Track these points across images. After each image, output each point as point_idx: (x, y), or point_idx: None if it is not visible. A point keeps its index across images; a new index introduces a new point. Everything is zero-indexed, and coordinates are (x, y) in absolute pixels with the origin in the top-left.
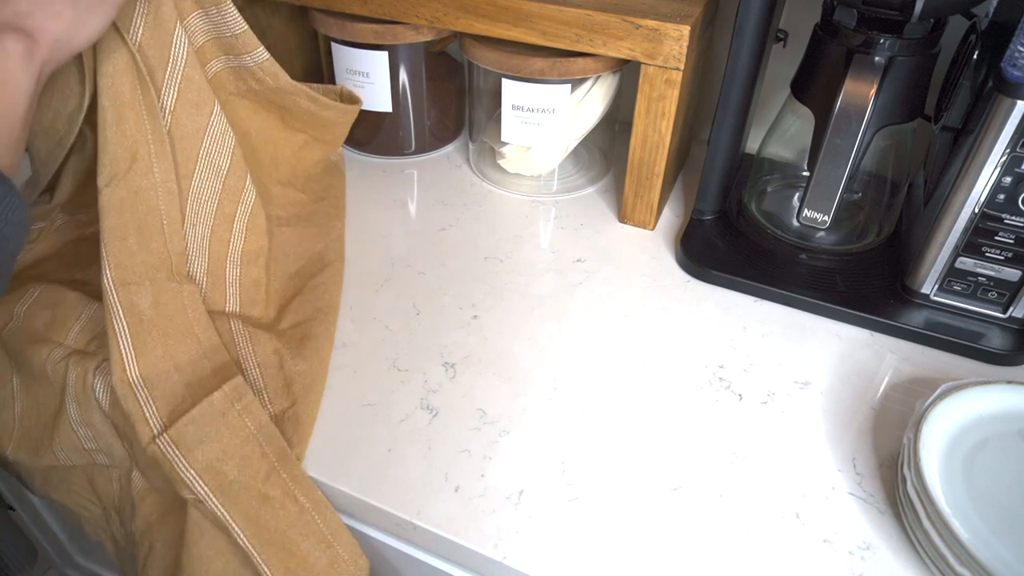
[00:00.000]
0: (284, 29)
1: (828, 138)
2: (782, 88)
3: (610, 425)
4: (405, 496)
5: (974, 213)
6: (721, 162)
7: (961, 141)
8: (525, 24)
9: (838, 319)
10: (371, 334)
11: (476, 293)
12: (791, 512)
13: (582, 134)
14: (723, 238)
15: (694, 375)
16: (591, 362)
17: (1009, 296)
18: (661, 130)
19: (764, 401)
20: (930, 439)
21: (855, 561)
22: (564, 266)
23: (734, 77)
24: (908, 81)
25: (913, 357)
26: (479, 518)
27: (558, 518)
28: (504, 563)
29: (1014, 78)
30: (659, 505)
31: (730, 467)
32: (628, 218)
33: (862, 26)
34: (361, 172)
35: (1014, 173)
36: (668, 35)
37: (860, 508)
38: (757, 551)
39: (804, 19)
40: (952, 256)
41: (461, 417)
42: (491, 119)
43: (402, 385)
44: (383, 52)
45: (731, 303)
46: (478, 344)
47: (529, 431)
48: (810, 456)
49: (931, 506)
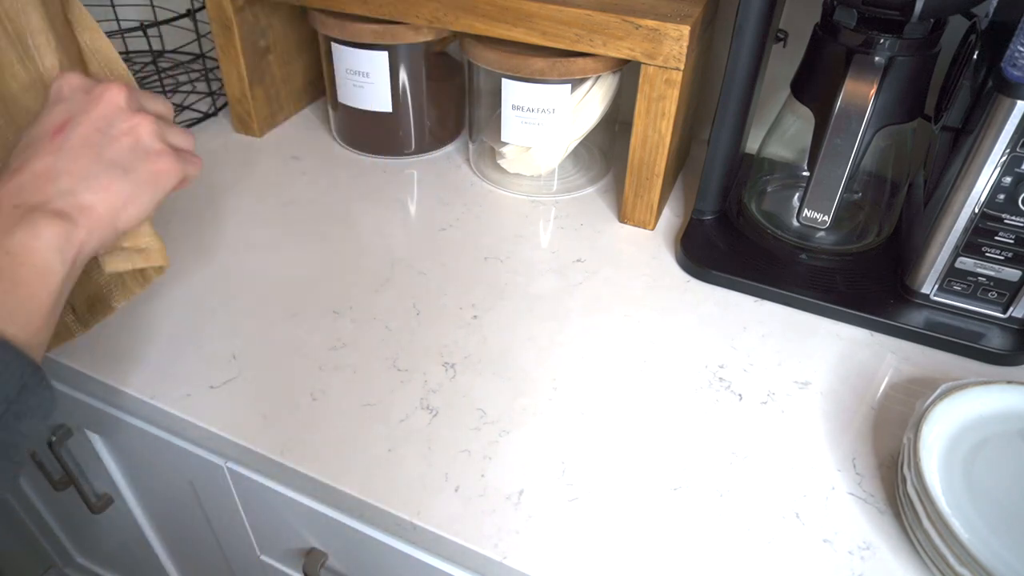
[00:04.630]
0: (284, 29)
1: (828, 138)
2: (782, 88)
3: (610, 425)
4: (405, 496)
5: (974, 213)
6: (721, 162)
7: (961, 141)
8: (525, 24)
9: (838, 319)
10: (371, 334)
11: (476, 293)
12: (791, 512)
13: (582, 134)
14: (723, 238)
15: (694, 375)
16: (591, 362)
17: (1009, 296)
18: (661, 130)
19: (764, 401)
20: (930, 439)
21: (855, 561)
22: (564, 266)
23: (734, 77)
24: (908, 81)
25: (913, 357)
26: (479, 518)
27: (558, 518)
28: (504, 563)
29: (1014, 78)
30: (659, 505)
31: (730, 467)
32: (628, 218)
33: (862, 26)
34: (361, 172)
35: (1014, 173)
36: (668, 35)
37: (860, 508)
38: (757, 551)
39: (804, 19)
40: (952, 256)
41: (461, 417)
42: (491, 119)
43: (402, 385)
44: (383, 52)
45: (731, 303)
46: (478, 344)
47: (529, 431)
48: (810, 456)
49: (931, 506)
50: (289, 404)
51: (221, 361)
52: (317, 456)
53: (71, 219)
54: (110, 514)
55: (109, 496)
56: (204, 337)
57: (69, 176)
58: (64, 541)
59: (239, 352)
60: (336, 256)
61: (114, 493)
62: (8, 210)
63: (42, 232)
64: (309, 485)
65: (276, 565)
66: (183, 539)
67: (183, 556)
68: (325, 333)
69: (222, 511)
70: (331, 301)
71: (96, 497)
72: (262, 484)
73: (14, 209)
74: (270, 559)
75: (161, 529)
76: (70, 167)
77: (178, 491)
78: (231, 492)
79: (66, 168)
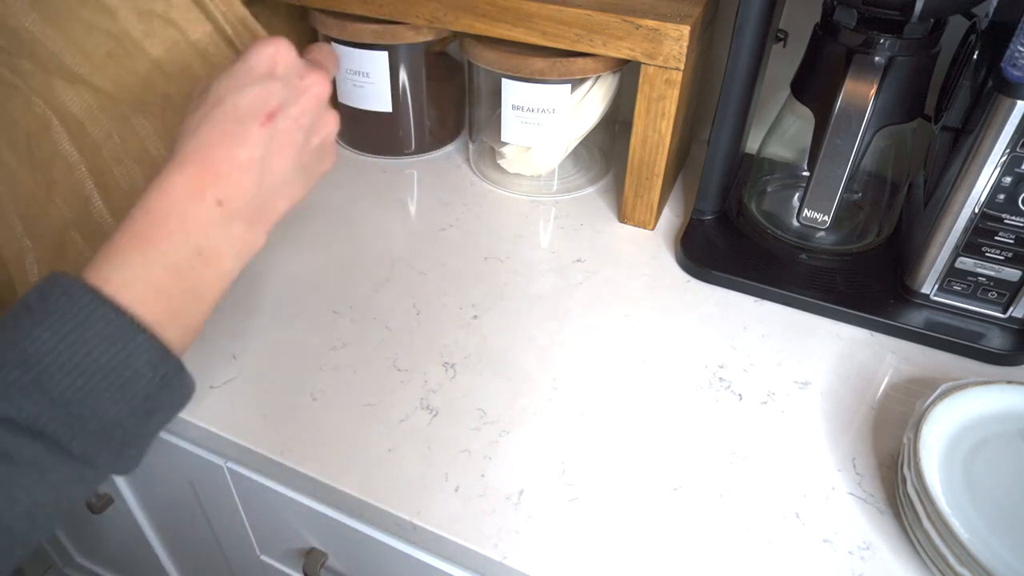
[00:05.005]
0: (284, 29)
1: (828, 138)
2: (782, 88)
3: (610, 425)
4: (405, 496)
5: (974, 213)
6: (721, 162)
7: (961, 141)
8: (525, 24)
9: (838, 319)
10: (371, 334)
11: (476, 293)
12: (791, 512)
13: (582, 134)
14: (723, 238)
15: (694, 375)
16: (591, 362)
17: (1009, 296)
18: (661, 130)
19: (764, 401)
20: (930, 439)
21: (855, 561)
22: (564, 266)
23: (734, 77)
24: (908, 81)
25: (913, 357)
26: (479, 518)
27: (558, 518)
28: (504, 563)
29: (1014, 78)
30: (659, 505)
31: (730, 467)
32: (628, 218)
33: (862, 26)
34: (361, 172)
35: (1014, 173)
36: (668, 35)
37: (860, 508)
38: (757, 551)
39: (804, 19)
40: (952, 256)
41: (461, 417)
42: (491, 119)
43: (402, 385)
44: (383, 52)
45: (731, 303)
46: (478, 344)
47: (529, 431)
48: (810, 456)
49: (931, 506)
50: (289, 404)
51: (221, 361)
52: (317, 456)
53: (260, 226)
54: (110, 514)
55: (109, 496)
56: (204, 337)
57: (271, 176)
58: (64, 541)
59: (239, 352)
60: (336, 256)
61: (114, 493)
62: (210, 205)
63: (235, 238)
64: (309, 485)
65: (276, 565)
66: (183, 539)
67: (183, 556)
68: (325, 333)
69: (222, 511)
70: (331, 301)
71: (96, 497)
72: (262, 484)
73: (217, 207)
74: (270, 559)
75: (161, 529)
76: (273, 166)
77: (178, 491)
78: (231, 492)
79: (270, 167)
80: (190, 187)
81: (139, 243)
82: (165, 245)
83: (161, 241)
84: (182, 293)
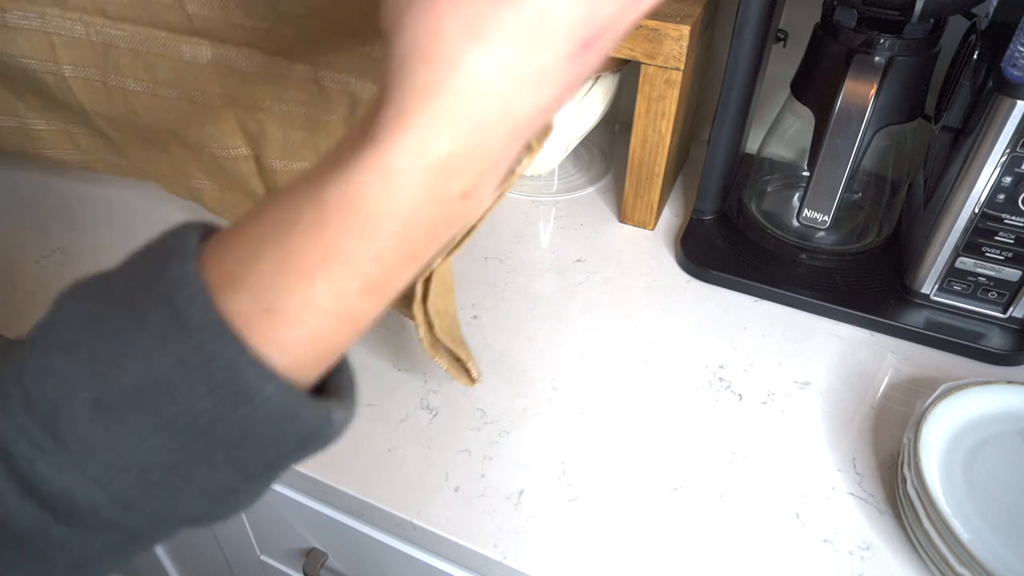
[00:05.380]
0: None
1: (828, 138)
2: (782, 88)
3: (610, 425)
4: (405, 496)
5: (974, 213)
6: (721, 162)
7: (961, 141)
8: None
9: (838, 319)
10: (371, 334)
11: (476, 293)
12: (791, 512)
13: (582, 134)
14: (723, 238)
15: (694, 375)
16: (591, 362)
17: (1009, 296)
18: (661, 130)
19: (764, 401)
20: (930, 439)
21: (855, 561)
22: (564, 266)
23: (734, 77)
24: (908, 81)
25: (913, 357)
26: (479, 518)
27: (558, 518)
28: (504, 563)
29: (1014, 78)
30: (659, 505)
31: (730, 467)
32: (628, 218)
33: (862, 26)
34: None
35: (1014, 173)
36: (668, 35)
37: (860, 508)
38: (757, 551)
39: (804, 19)
40: (952, 256)
41: (461, 417)
42: None
43: (402, 385)
44: None
45: (731, 303)
46: (478, 344)
47: (529, 431)
48: (810, 456)
49: (931, 506)
50: None
51: None
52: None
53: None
54: None
55: None
56: None
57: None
58: None
59: None
60: None
61: None
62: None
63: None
64: (309, 485)
65: (276, 565)
66: (183, 539)
67: (183, 556)
68: None
69: None
70: None
71: None
72: None
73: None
74: (270, 559)
75: None
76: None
77: None
78: None
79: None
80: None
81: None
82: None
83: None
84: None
